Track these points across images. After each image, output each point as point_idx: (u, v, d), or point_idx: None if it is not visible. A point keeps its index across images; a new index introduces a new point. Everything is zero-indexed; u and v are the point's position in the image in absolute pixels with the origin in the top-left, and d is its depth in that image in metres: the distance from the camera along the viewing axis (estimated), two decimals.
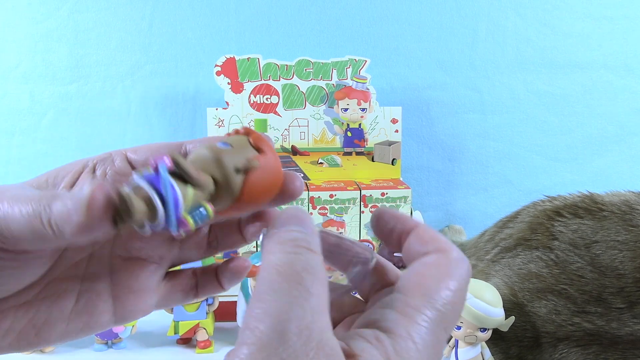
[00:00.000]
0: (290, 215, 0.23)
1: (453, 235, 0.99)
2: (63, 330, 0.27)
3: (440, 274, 0.23)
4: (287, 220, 0.23)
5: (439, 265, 0.23)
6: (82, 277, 0.28)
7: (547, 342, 0.62)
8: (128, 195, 0.21)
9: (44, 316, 0.26)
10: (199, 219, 0.23)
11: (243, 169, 0.24)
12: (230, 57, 0.87)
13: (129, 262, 0.29)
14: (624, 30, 0.99)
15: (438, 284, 0.22)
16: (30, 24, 0.93)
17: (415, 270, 0.23)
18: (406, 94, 0.99)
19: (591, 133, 1.03)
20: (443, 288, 0.22)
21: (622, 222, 0.65)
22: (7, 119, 0.95)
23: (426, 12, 0.97)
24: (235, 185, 0.24)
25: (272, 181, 0.25)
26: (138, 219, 0.21)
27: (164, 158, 0.22)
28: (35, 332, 0.26)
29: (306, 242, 0.21)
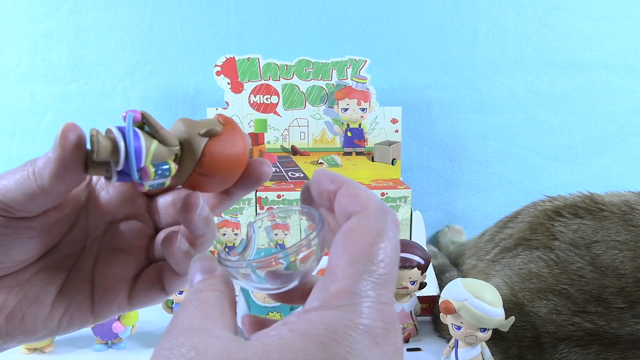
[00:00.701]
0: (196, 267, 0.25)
1: (453, 235, 0.99)
2: (45, 317, 0.29)
3: (361, 236, 0.22)
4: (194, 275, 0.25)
5: (357, 229, 0.23)
6: (70, 268, 0.31)
7: (548, 342, 0.62)
8: (96, 133, 0.24)
9: (30, 299, 0.29)
10: (161, 172, 0.25)
11: (206, 133, 0.26)
12: (230, 57, 0.87)
13: (110, 252, 0.31)
14: (624, 30, 0.99)
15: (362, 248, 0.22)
16: (30, 24, 0.93)
17: (338, 241, 0.23)
18: (406, 94, 0.99)
19: (591, 133, 1.03)
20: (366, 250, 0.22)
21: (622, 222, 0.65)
22: (7, 119, 0.95)
23: (426, 12, 0.97)
24: (197, 146, 0.26)
25: (234, 152, 0.27)
26: (102, 154, 0.24)
27: (134, 111, 0.25)
28: (21, 316, 0.28)
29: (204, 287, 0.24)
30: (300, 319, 0.21)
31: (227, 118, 0.28)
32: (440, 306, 0.62)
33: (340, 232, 0.23)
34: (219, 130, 0.26)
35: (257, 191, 0.82)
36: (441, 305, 0.61)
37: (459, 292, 0.61)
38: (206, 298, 0.23)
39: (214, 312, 0.22)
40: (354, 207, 0.24)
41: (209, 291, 0.24)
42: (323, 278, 0.23)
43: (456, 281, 0.63)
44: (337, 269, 0.22)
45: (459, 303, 0.60)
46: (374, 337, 0.20)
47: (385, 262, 0.22)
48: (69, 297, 0.30)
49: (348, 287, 0.21)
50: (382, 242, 0.22)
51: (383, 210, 0.23)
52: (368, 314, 0.21)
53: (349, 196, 0.24)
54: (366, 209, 0.23)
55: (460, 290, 0.61)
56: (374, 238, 0.22)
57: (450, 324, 0.62)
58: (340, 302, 0.21)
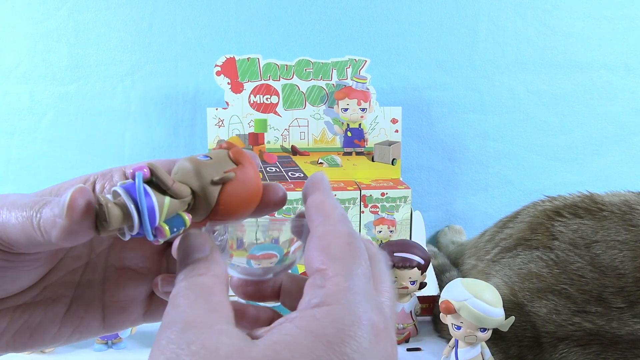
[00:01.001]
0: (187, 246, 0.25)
1: (453, 235, 0.99)
2: (55, 334, 0.28)
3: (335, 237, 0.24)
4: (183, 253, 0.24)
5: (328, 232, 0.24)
6: (77, 284, 0.29)
7: (547, 342, 0.62)
8: (105, 201, 0.23)
9: (38, 319, 0.28)
10: (176, 227, 0.24)
11: (219, 181, 0.25)
12: (230, 57, 0.87)
13: (120, 272, 0.30)
14: (624, 30, 0.99)
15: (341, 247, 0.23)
16: (30, 24, 0.93)
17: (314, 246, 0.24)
18: (406, 94, 0.99)
19: (591, 133, 1.03)
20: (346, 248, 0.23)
21: (622, 222, 0.65)
22: (7, 119, 0.95)
23: (426, 12, 0.97)
24: (211, 196, 0.25)
25: (249, 194, 0.26)
26: (114, 224, 0.23)
27: (143, 168, 0.24)
28: (30, 334, 0.27)
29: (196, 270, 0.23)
30: (305, 315, 0.21)
31: (236, 151, 0.26)
32: (440, 306, 0.62)
33: (314, 237, 0.24)
34: (232, 175, 0.25)
35: None
36: (441, 305, 0.61)
37: (459, 292, 0.61)
38: (205, 285, 0.23)
39: (216, 303, 0.22)
40: (319, 214, 0.25)
41: (206, 275, 0.23)
42: (310, 279, 0.23)
43: (456, 281, 0.63)
44: (322, 267, 0.23)
45: (459, 303, 0.60)
46: (376, 332, 0.21)
47: (365, 258, 0.23)
48: (79, 315, 0.29)
49: (343, 282, 0.22)
50: (356, 241, 0.24)
51: (345, 217, 0.25)
52: (368, 307, 0.21)
53: (315, 204, 0.26)
54: (331, 217, 0.25)
55: (460, 290, 0.61)
56: (348, 238, 0.24)
57: (450, 324, 0.62)
58: (340, 297, 0.21)
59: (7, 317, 0.27)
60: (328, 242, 0.23)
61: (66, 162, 0.97)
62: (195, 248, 0.25)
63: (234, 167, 0.26)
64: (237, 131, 0.89)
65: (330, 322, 0.20)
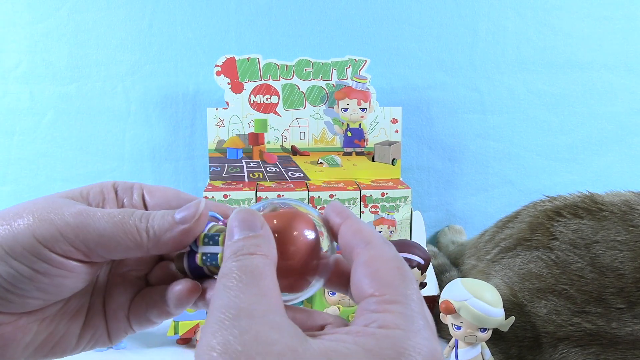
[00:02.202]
0: (237, 221, 0.25)
1: (453, 235, 0.99)
2: (75, 344, 0.29)
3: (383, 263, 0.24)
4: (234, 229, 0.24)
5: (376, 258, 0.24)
6: (91, 293, 0.30)
7: (547, 342, 0.62)
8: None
9: (62, 330, 0.28)
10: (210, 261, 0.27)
11: None
12: (230, 57, 0.87)
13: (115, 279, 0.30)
14: (624, 30, 0.99)
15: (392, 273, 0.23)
16: (30, 24, 0.93)
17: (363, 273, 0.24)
18: (406, 94, 0.99)
19: (591, 133, 1.03)
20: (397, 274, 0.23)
21: (622, 222, 0.65)
22: (7, 119, 0.95)
23: (426, 12, 0.97)
24: None
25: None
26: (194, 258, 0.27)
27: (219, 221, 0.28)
28: (52, 346, 0.27)
29: (247, 248, 0.23)
30: (364, 332, 0.21)
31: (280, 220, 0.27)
32: (440, 306, 0.62)
33: (360, 264, 0.24)
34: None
35: (258, 191, 0.82)
36: (441, 305, 0.61)
37: (459, 292, 0.61)
38: (257, 267, 0.22)
39: (267, 288, 0.22)
40: (359, 240, 0.25)
41: (257, 255, 0.23)
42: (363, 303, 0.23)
43: (456, 281, 0.63)
44: (376, 293, 0.23)
45: (459, 303, 0.60)
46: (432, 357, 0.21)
47: (414, 282, 0.23)
48: (95, 324, 0.29)
49: (400, 308, 0.22)
50: (404, 265, 0.24)
51: (387, 241, 0.25)
52: (427, 334, 0.21)
53: (352, 231, 0.25)
54: (372, 242, 0.25)
55: (460, 290, 0.61)
56: (396, 262, 0.24)
57: (450, 324, 0.62)
58: (400, 323, 0.21)
59: (33, 329, 0.27)
60: (377, 268, 0.23)
61: (66, 162, 0.97)
62: (247, 224, 0.24)
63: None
64: (237, 131, 0.89)
65: (390, 344, 0.20)
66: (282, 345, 0.19)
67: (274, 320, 0.20)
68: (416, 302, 0.22)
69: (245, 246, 0.23)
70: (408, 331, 0.21)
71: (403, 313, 0.22)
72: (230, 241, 0.24)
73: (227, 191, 0.82)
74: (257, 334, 0.19)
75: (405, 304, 0.22)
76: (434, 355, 0.21)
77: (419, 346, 0.20)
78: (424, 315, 0.22)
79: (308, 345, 0.20)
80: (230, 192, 0.82)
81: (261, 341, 0.19)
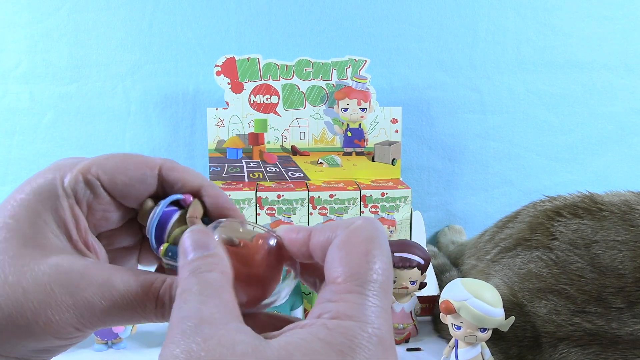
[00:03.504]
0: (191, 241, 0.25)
1: (453, 235, 0.99)
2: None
3: (354, 247, 0.23)
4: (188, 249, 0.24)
5: (349, 240, 0.23)
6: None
7: (547, 342, 0.62)
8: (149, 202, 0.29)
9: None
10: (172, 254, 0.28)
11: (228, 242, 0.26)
12: (230, 57, 0.87)
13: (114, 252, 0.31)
14: (624, 30, 0.99)
15: (358, 258, 0.23)
16: (30, 24, 0.93)
17: (333, 255, 0.23)
18: (406, 94, 0.99)
19: (591, 133, 1.03)
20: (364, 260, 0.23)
21: (622, 222, 0.65)
22: (7, 119, 0.95)
23: (426, 12, 0.97)
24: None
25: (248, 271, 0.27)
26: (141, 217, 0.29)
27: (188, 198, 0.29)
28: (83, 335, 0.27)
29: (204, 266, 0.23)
30: (316, 323, 0.21)
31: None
32: (440, 306, 0.62)
33: (333, 246, 0.24)
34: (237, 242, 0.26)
35: (258, 191, 0.82)
36: (441, 305, 0.61)
37: (459, 292, 0.61)
38: (216, 281, 0.23)
39: (228, 301, 0.22)
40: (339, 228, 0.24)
41: (215, 272, 0.23)
42: (324, 289, 0.23)
43: (456, 281, 0.63)
44: (339, 279, 0.22)
45: (459, 303, 0.60)
46: (385, 347, 0.21)
47: (382, 269, 0.23)
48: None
49: (358, 299, 0.22)
50: (375, 249, 0.23)
51: (369, 219, 0.24)
52: (379, 324, 0.21)
53: (327, 228, 0.25)
54: (353, 223, 0.24)
55: (460, 290, 0.61)
56: (368, 246, 0.23)
57: (450, 324, 0.62)
58: (352, 312, 0.21)
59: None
60: (347, 251, 0.23)
61: None
62: (200, 244, 0.24)
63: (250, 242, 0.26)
64: (237, 131, 0.89)
65: (342, 333, 0.21)
66: (244, 345, 0.20)
67: (237, 326, 0.21)
68: (375, 292, 0.22)
69: (203, 264, 0.23)
70: (358, 321, 0.21)
71: (356, 303, 0.22)
72: (185, 260, 0.24)
73: (227, 191, 0.82)
74: (220, 339, 0.20)
75: (362, 293, 0.22)
76: (384, 342, 0.21)
77: (369, 335, 0.21)
78: (380, 305, 0.22)
79: (268, 344, 0.20)
80: (230, 192, 0.82)
81: (224, 344, 0.20)
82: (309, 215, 0.82)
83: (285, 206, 0.82)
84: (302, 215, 0.82)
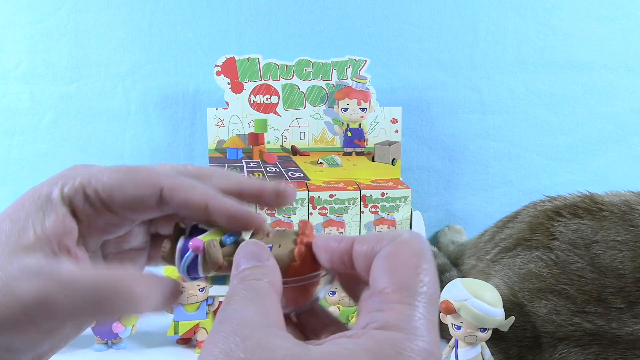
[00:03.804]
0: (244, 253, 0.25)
1: (453, 235, 0.99)
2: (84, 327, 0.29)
3: (403, 259, 0.23)
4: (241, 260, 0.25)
5: (398, 252, 0.23)
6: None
7: (547, 342, 0.62)
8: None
9: None
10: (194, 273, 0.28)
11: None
12: (230, 57, 0.87)
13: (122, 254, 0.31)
14: (624, 30, 0.99)
15: (408, 270, 0.23)
16: (30, 24, 0.93)
17: (380, 266, 0.23)
18: (406, 94, 0.99)
19: (591, 133, 1.03)
20: (414, 272, 0.23)
21: (622, 222, 0.65)
22: (7, 119, 0.95)
23: (426, 12, 0.97)
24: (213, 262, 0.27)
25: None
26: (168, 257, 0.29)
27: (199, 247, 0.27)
28: (76, 332, 0.28)
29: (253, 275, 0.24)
30: (364, 334, 0.21)
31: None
32: (440, 306, 0.62)
33: (380, 257, 0.23)
34: None
35: None
36: (441, 305, 0.61)
37: (459, 292, 0.61)
38: (262, 289, 0.23)
39: (270, 307, 0.22)
40: (384, 239, 0.24)
41: (262, 281, 0.23)
42: (370, 299, 0.23)
43: (456, 281, 0.63)
44: (387, 289, 0.22)
45: (459, 303, 0.60)
46: (433, 357, 0.21)
47: (431, 282, 0.23)
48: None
49: (406, 310, 0.21)
50: (424, 262, 0.23)
51: (416, 233, 0.24)
52: (428, 337, 0.21)
53: (371, 239, 0.24)
54: (400, 236, 0.24)
55: (460, 290, 0.61)
56: (417, 259, 0.23)
57: (450, 324, 0.62)
58: (403, 325, 0.21)
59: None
60: (395, 263, 0.23)
61: (66, 162, 0.96)
62: (253, 255, 0.25)
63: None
64: (237, 131, 0.89)
65: (390, 345, 0.20)
66: (284, 351, 0.20)
67: (276, 332, 0.21)
68: (424, 305, 0.22)
69: (252, 274, 0.24)
70: (408, 334, 0.21)
71: (406, 314, 0.21)
72: (237, 271, 0.24)
73: None
74: (259, 341, 0.20)
75: (412, 305, 0.22)
76: (432, 356, 0.21)
77: (418, 348, 0.20)
78: (429, 318, 0.22)
79: (309, 350, 0.20)
80: None
81: (264, 347, 0.19)
82: (309, 215, 0.82)
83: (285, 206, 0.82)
84: (302, 215, 0.82)
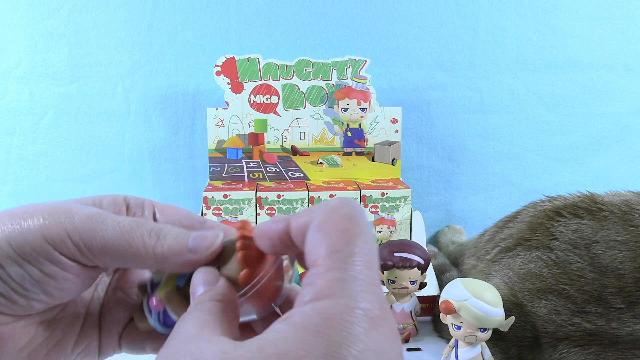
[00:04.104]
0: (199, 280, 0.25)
1: (453, 235, 0.99)
2: (67, 354, 0.28)
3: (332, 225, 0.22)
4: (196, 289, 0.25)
5: (327, 220, 0.22)
6: (89, 302, 0.30)
7: (547, 342, 0.62)
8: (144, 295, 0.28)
9: (58, 336, 0.28)
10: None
11: None
12: (230, 57, 0.87)
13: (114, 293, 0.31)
14: (624, 30, 0.99)
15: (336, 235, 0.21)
16: (30, 24, 0.93)
17: (311, 238, 0.22)
18: (406, 94, 0.99)
19: (591, 133, 1.03)
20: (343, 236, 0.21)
21: (622, 222, 0.65)
22: (7, 119, 0.95)
23: (426, 12, 0.97)
24: None
25: None
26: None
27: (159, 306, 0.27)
28: (47, 352, 0.27)
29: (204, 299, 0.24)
30: (293, 312, 0.20)
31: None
32: (440, 306, 0.62)
33: (311, 229, 0.22)
34: None
35: (258, 191, 0.82)
36: (441, 305, 0.61)
37: (459, 292, 0.61)
38: (206, 308, 0.23)
39: (212, 320, 0.22)
40: (315, 211, 0.23)
41: (209, 301, 0.24)
42: (307, 274, 0.22)
43: (456, 281, 0.63)
44: (318, 261, 0.21)
45: (459, 303, 0.60)
46: (372, 319, 0.19)
47: (364, 243, 0.21)
48: (87, 340, 0.29)
49: (335, 275, 0.20)
50: (354, 225, 0.22)
51: (345, 199, 0.23)
52: (362, 297, 0.20)
53: (304, 213, 0.24)
54: (328, 204, 0.23)
55: (460, 290, 0.61)
56: (345, 224, 0.22)
57: (450, 324, 0.62)
58: (331, 291, 0.20)
59: (30, 332, 0.27)
60: (325, 232, 0.22)
61: (66, 162, 0.97)
62: (204, 282, 0.25)
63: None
64: (237, 131, 0.89)
65: (318, 313, 0.19)
66: (212, 351, 0.19)
67: (210, 338, 0.21)
68: (359, 267, 0.20)
69: (204, 297, 0.24)
70: (337, 298, 0.19)
71: (335, 279, 0.20)
72: (193, 299, 0.25)
73: (227, 191, 0.82)
74: (189, 351, 0.20)
75: (342, 269, 0.20)
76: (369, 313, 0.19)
77: (348, 308, 0.19)
78: (365, 280, 0.20)
79: (240, 344, 0.19)
80: (230, 192, 0.82)
81: (193, 355, 0.19)
82: None
83: (285, 206, 0.82)
84: None
